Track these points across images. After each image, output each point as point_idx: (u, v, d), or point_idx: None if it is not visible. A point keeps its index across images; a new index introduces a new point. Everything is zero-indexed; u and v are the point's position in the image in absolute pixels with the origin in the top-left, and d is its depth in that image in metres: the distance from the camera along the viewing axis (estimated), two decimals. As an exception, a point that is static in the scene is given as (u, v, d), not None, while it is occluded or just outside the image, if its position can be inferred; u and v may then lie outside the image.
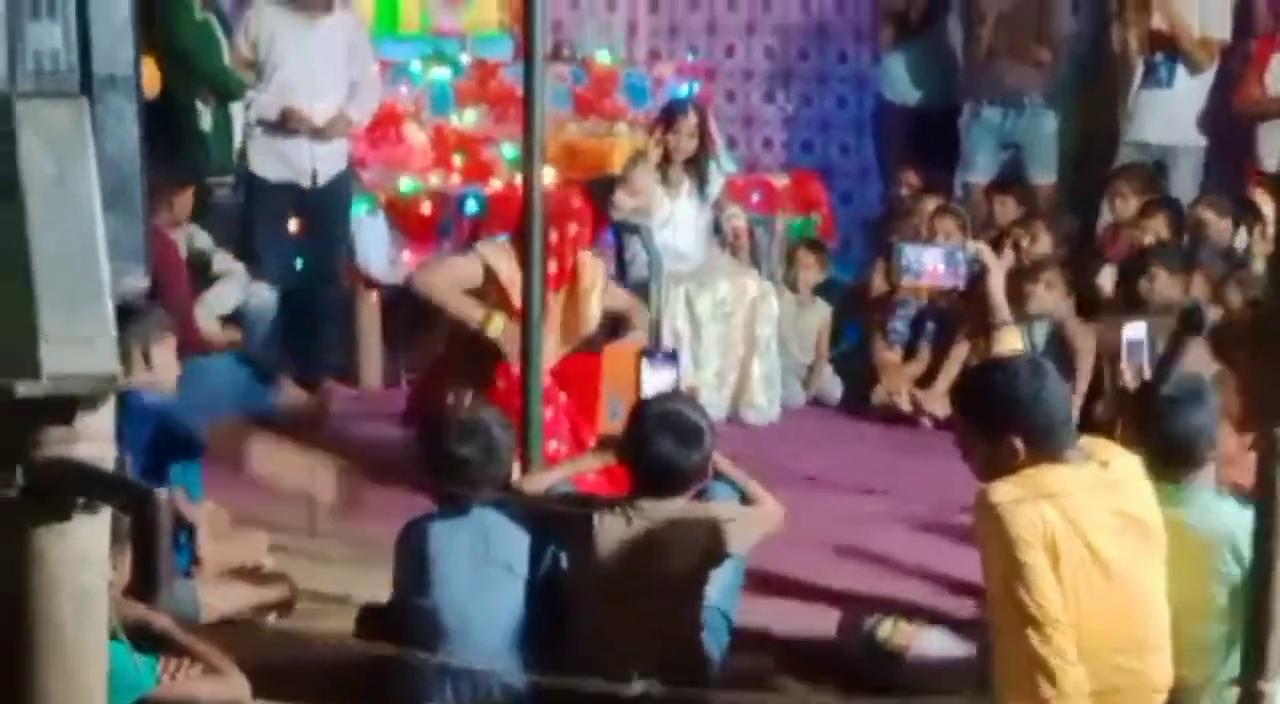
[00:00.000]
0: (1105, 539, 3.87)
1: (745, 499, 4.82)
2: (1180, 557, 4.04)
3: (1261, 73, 9.07)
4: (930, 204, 8.94)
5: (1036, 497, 3.83)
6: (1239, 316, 7.04)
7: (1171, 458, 4.33)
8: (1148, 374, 5.05)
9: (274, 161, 8.23)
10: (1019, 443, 3.91)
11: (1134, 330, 5.24)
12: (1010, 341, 4.59)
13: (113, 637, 3.28)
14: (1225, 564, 4.17)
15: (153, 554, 2.91)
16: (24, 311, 2.94)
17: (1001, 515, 3.82)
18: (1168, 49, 9.17)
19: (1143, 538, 3.96)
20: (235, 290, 8.04)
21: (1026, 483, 3.87)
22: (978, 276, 4.68)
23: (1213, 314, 7.14)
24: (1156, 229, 8.34)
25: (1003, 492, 3.85)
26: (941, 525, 6.18)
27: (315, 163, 8.23)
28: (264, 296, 8.10)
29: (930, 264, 4.74)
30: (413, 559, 4.68)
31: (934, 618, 5.12)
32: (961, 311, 8.14)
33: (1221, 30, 9.15)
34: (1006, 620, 3.88)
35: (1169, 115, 9.20)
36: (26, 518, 3.09)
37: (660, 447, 4.53)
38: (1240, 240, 8.31)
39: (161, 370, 5.26)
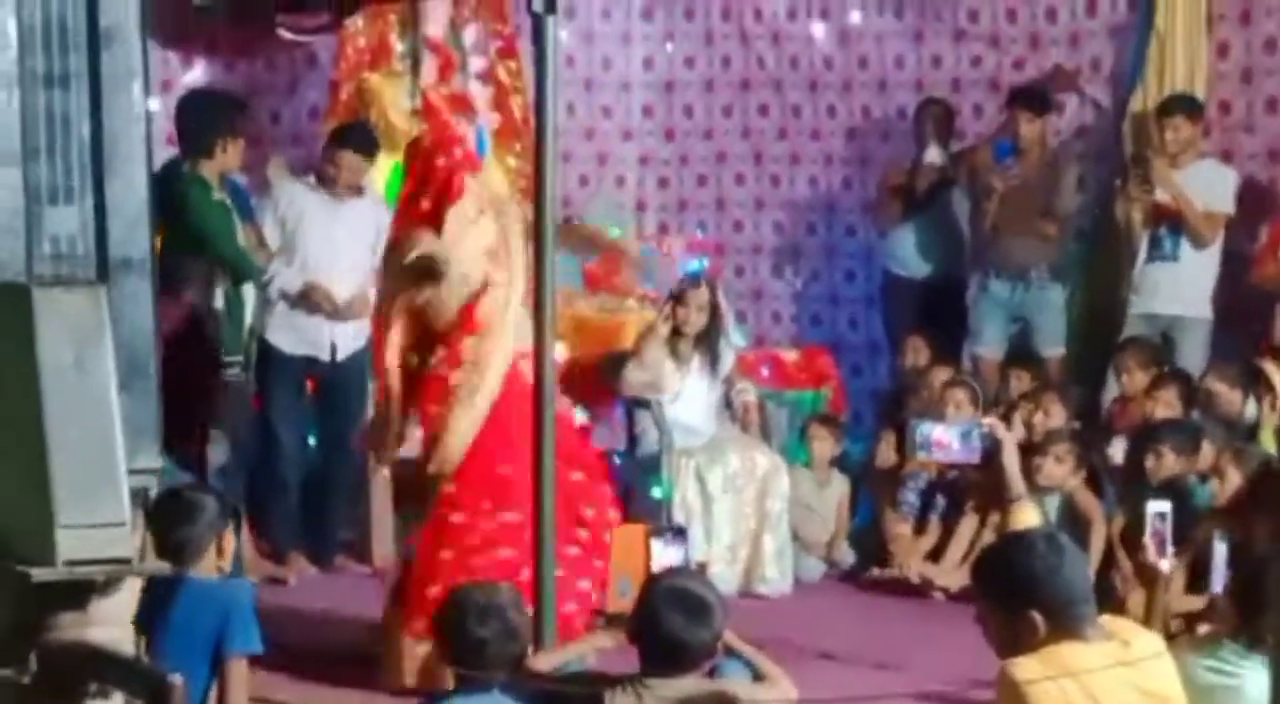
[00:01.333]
0: (1127, 718, 3.85)
1: (757, 676, 4.78)
2: None
3: (1278, 250, 9.11)
4: (941, 375, 8.97)
5: (1059, 674, 3.81)
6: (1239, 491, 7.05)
7: None
8: (1170, 548, 5.08)
9: (292, 335, 8.30)
10: (1038, 619, 3.89)
11: (1157, 505, 5.27)
12: (1027, 516, 4.60)
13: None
14: None
15: (167, 740, 2.90)
16: (40, 497, 2.96)
17: (1025, 693, 3.80)
18: (1172, 223, 9.23)
19: (1166, 717, 3.94)
20: None
21: (1048, 660, 3.85)
22: (992, 452, 4.70)
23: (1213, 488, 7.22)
24: (1167, 400, 8.34)
25: (1025, 668, 3.84)
26: (957, 700, 6.13)
27: (335, 338, 8.29)
28: None
29: (945, 440, 4.76)
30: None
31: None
32: (971, 485, 8.17)
33: (1225, 205, 9.20)
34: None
35: (1175, 288, 9.23)
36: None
37: (670, 623, 4.51)
38: (1250, 411, 8.31)
39: (228, 555, 5.25)
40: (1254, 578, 4.78)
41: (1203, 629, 5.35)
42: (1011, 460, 4.69)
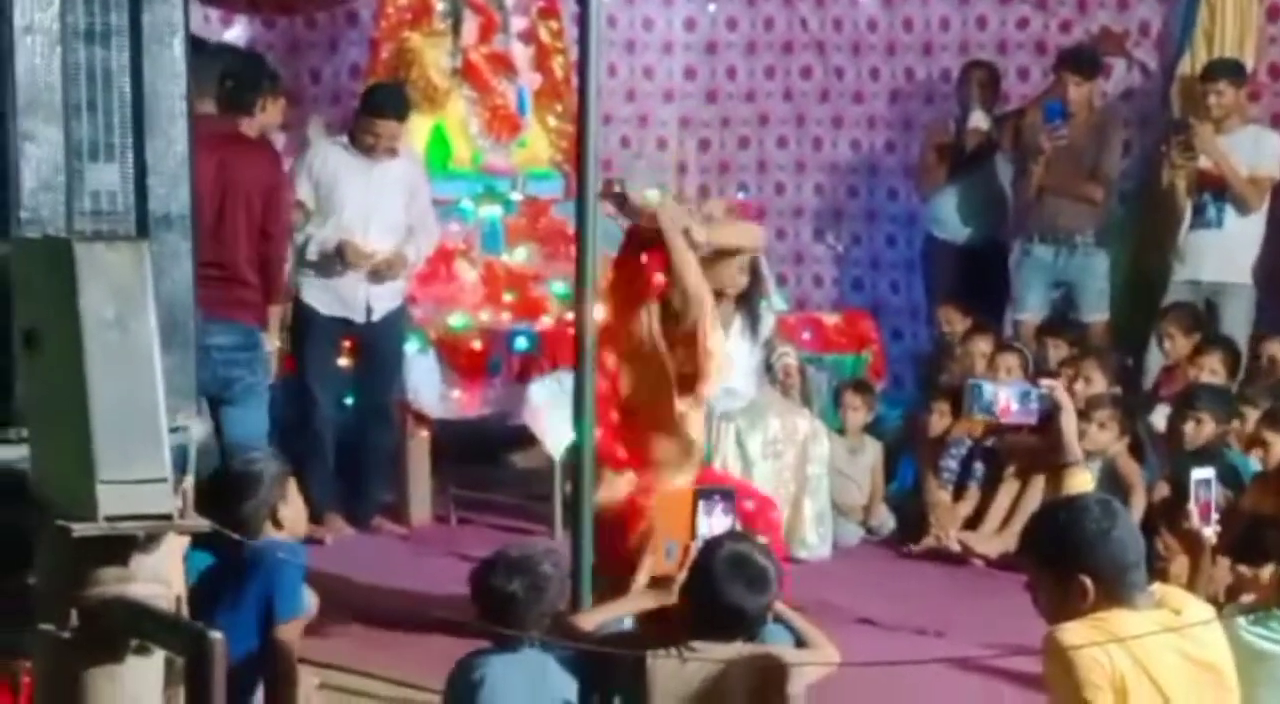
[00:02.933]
0: (1176, 686, 3.82)
1: (800, 642, 4.77)
2: None
3: None
4: (982, 343, 8.93)
5: (1107, 640, 3.78)
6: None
7: None
8: (1215, 514, 5.06)
9: (328, 296, 8.28)
10: (1089, 583, 3.87)
11: (1202, 472, 5.24)
12: (1081, 481, 4.57)
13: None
14: None
15: (207, 697, 2.89)
16: (82, 453, 2.95)
17: (1071, 658, 3.78)
18: (1217, 189, 9.16)
19: (1216, 687, 3.92)
20: None
21: (1097, 626, 3.83)
22: (1049, 414, 4.67)
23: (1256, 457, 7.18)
24: (1212, 367, 8.30)
25: (1073, 634, 3.82)
26: (997, 668, 6.11)
27: (370, 299, 8.28)
28: None
29: (1004, 401, 4.73)
30: (468, 692, 4.64)
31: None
32: (1011, 450, 8.13)
33: (1270, 170, 9.13)
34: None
35: (1219, 255, 9.17)
36: (80, 659, 3.08)
37: (729, 591, 4.50)
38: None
39: (290, 523, 5.26)
40: None
41: (1247, 598, 5.30)
42: (1070, 424, 4.67)
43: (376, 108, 8.34)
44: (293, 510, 5.28)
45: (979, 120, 9.90)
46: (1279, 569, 4.86)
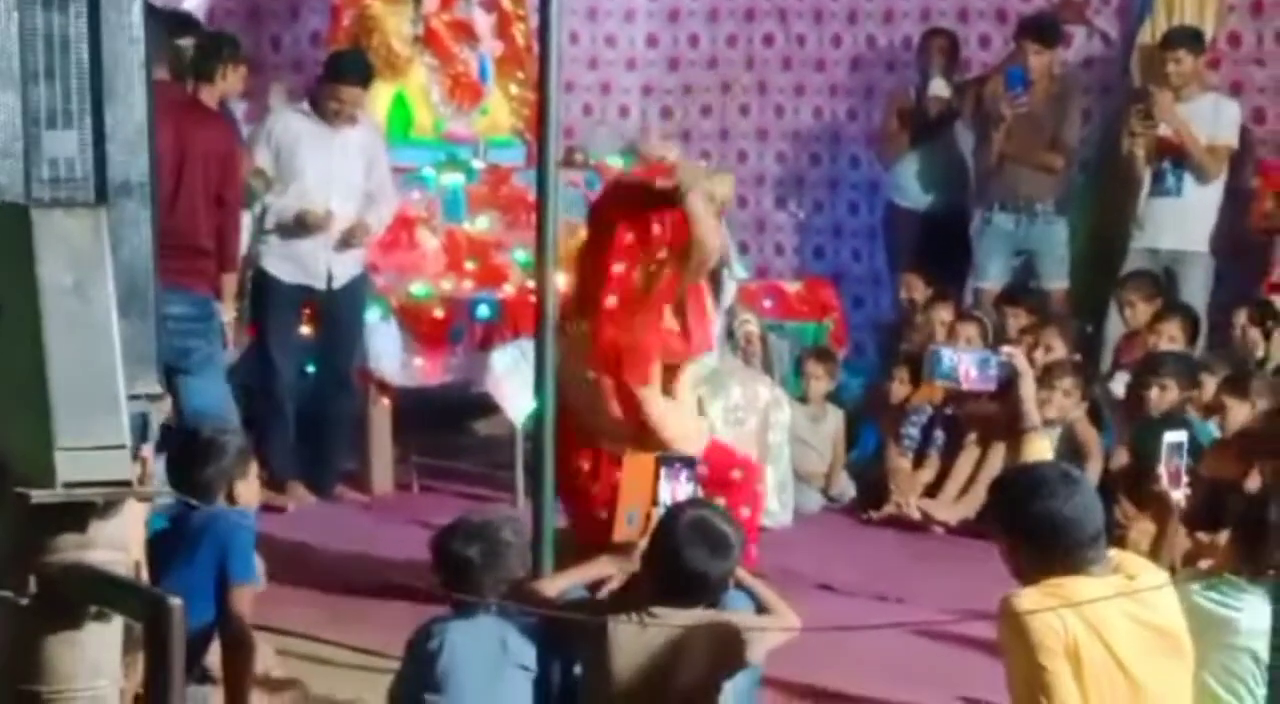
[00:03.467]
0: (1129, 650, 3.86)
1: (761, 608, 4.79)
2: None
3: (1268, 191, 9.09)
4: (943, 312, 8.96)
5: (1060, 605, 3.82)
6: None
7: None
8: (1185, 478, 5.10)
9: (288, 264, 8.26)
10: (1047, 549, 3.91)
11: (1174, 435, 5.27)
12: (1040, 448, 4.61)
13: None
14: None
15: (166, 662, 2.90)
16: (40, 420, 2.95)
17: (1025, 623, 3.82)
18: (1175, 157, 9.18)
19: (1169, 651, 3.96)
20: None
21: (1051, 592, 3.87)
22: (1009, 381, 4.70)
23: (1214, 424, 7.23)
24: (1171, 334, 8.35)
25: (1027, 599, 3.86)
26: (955, 634, 6.14)
27: (331, 266, 8.27)
28: None
29: (964, 368, 4.76)
30: (427, 659, 4.65)
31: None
32: (971, 419, 8.17)
33: (1228, 138, 9.15)
34: (1028, 727, 3.86)
35: (1179, 223, 9.19)
36: (39, 626, 3.08)
37: (692, 556, 4.51)
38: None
39: (243, 502, 5.26)
40: (1257, 513, 4.79)
41: (1204, 564, 5.34)
42: (1029, 391, 4.70)
43: (340, 74, 8.32)
44: (249, 491, 5.30)
45: (940, 88, 9.91)
46: (1235, 535, 4.89)
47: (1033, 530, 3.94)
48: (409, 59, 9.36)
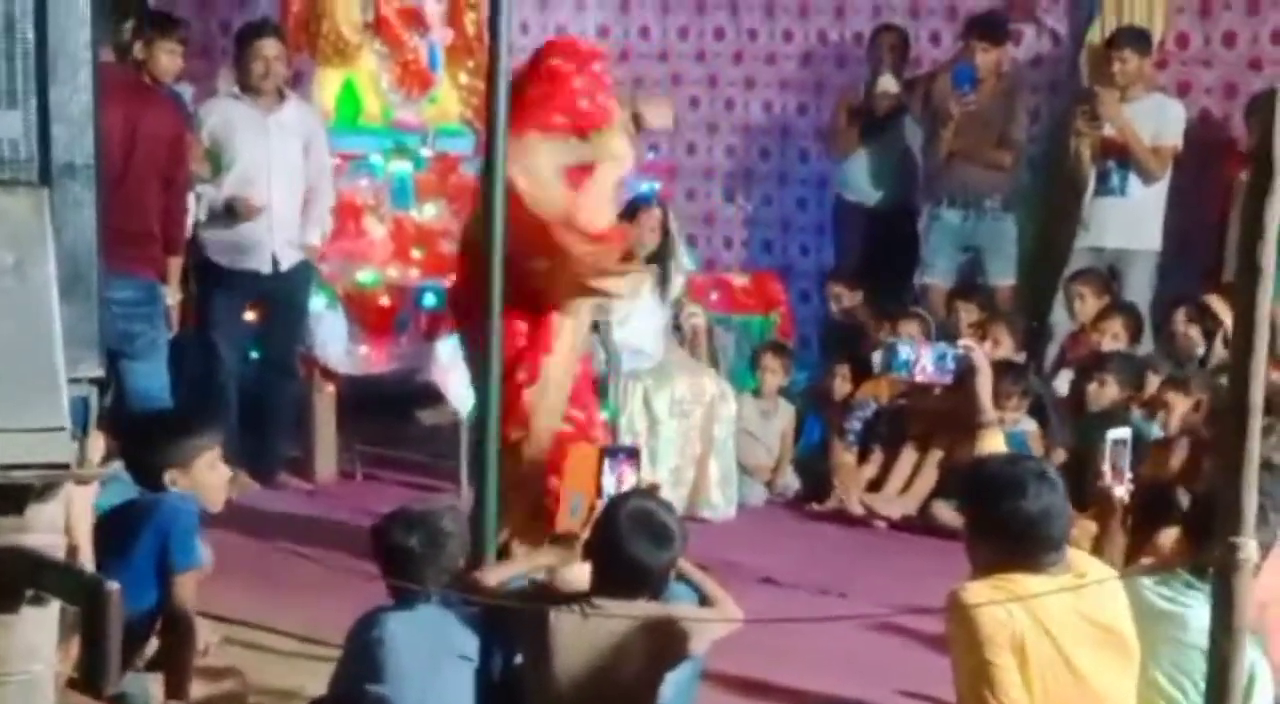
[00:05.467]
0: (1076, 645, 3.88)
1: (703, 600, 4.79)
2: None
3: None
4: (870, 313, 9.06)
5: (1007, 599, 3.83)
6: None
7: None
8: (1128, 475, 5.12)
9: (231, 250, 8.22)
10: (1011, 547, 3.92)
11: (1117, 432, 5.29)
12: (995, 443, 4.62)
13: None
14: None
15: (102, 646, 2.87)
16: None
17: (973, 616, 3.83)
18: (1120, 157, 9.21)
19: (1115, 648, 3.98)
20: None
21: (999, 586, 3.88)
22: (964, 375, 4.71)
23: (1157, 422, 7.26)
24: (1114, 332, 8.39)
25: (975, 593, 3.87)
26: (897, 627, 6.16)
27: (275, 250, 8.23)
28: None
29: (921, 361, 4.76)
30: (367, 649, 4.63)
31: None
32: (913, 415, 8.19)
33: (1173, 138, 9.18)
34: (974, 720, 3.87)
35: (1123, 222, 9.22)
36: (-26, 609, 3.05)
37: (633, 547, 4.50)
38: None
39: (204, 488, 5.23)
40: (1204, 509, 4.80)
41: (1146, 561, 5.36)
42: (985, 385, 4.72)
43: (252, 33, 8.34)
44: (207, 481, 5.27)
45: (888, 84, 9.92)
46: (1181, 532, 4.91)
47: (1003, 527, 3.95)
48: (359, 46, 9.31)
